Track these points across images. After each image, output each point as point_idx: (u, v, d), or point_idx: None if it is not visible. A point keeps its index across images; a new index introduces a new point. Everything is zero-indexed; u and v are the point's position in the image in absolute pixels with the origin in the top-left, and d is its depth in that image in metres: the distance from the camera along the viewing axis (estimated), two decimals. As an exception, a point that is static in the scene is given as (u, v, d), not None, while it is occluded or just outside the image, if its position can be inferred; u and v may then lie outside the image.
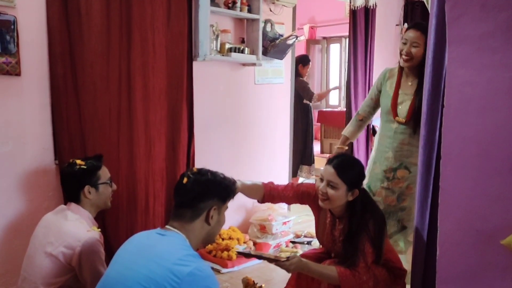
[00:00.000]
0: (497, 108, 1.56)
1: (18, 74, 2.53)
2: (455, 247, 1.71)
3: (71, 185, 2.19)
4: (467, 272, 1.67)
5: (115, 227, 2.91)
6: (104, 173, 2.27)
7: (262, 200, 2.33)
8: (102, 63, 2.81)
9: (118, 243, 1.79)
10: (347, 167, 2.13)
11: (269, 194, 2.31)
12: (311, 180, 5.01)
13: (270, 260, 2.05)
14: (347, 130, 3.01)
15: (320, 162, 6.06)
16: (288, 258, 2.02)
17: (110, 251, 2.40)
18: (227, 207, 1.80)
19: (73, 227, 2.03)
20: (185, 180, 1.72)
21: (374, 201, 2.25)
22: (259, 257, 2.10)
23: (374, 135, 4.10)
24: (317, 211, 2.33)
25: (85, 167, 2.20)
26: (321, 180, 2.15)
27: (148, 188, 3.07)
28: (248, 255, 2.13)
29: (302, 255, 2.40)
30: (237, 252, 2.21)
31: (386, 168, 2.74)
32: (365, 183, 2.74)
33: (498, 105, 1.56)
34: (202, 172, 1.76)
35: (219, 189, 1.75)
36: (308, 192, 2.30)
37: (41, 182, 2.72)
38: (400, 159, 2.70)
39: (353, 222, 2.12)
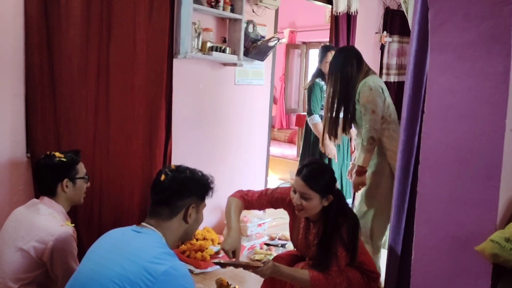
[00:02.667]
0: (475, 116, 1.59)
1: (-9, 62, 2.46)
2: (430, 252, 1.73)
3: (48, 178, 2.11)
4: (441, 277, 1.70)
5: (88, 224, 2.85)
6: (81, 168, 2.21)
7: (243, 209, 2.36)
8: (81, 56, 2.75)
9: (91, 240, 1.74)
10: (316, 176, 2.11)
11: (247, 206, 2.32)
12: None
13: (245, 267, 2.05)
14: (366, 161, 2.77)
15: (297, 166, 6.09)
16: (263, 263, 2.01)
17: (82, 249, 2.33)
18: (205, 205, 1.77)
19: (45, 221, 1.97)
20: (162, 177, 1.68)
21: (347, 204, 2.27)
22: (235, 265, 2.09)
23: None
24: (292, 215, 2.34)
25: (64, 160, 2.13)
26: (294, 192, 2.15)
27: (123, 185, 3.01)
28: (224, 265, 2.11)
29: (276, 257, 2.40)
30: (214, 262, 2.19)
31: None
32: None
33: (477, 113, 1.59)
34: (181, 169, 1.72)
35: (198, 187, 1.71)
36: (283, 198, 2.30)
37: (11, 175, 2.64)
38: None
39: (327, 226, 2.13)
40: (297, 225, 2.31)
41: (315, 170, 2.14)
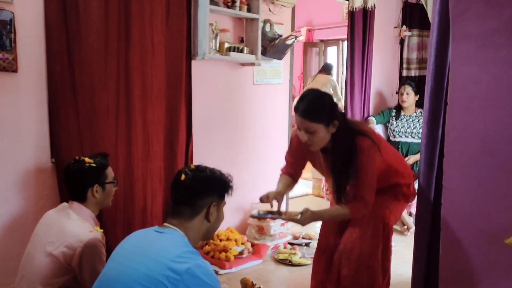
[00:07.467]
0: (501, 105, 1.55)
1: (15, 70, 2.50)
2: (458, 247, 1.69)
3: (78, 184, 2.12)
4: (470, 272, 1.65)
5: (112, 227, 2.88)
6: (110, 172, 2.21)
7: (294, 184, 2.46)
8: (100, 61, 2.78)
9: (116, 243, 1.76)
10: (314, 107, 2.04)
11: (292, 176, 2.41)
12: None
13: (283, 219, 2.17)
14: None
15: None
16: (301, 213, 2.10)
17: (109, 252, 2.36)
18: (225, 203, 1.78)
19: (75, 227, 1.98)
20: (182, 177, 1.68)
21: (356, 121, 2.27)
22: (273, 218, 2.20)
23: None
24: (310, 156, 2.35)
25: (94, 165, 2.13)
26: (299, 129, 2.10)
27: (146, 188, 3.03)
28: (260, 218, 2.25)
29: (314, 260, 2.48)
30: (252, 216, 2.31)
31: None
32: None
33: (502, 102, 1.55)
34: (200, 168, 1.73)
35: (218, 185, 1.72)
36: (297, 141, 2.25)
37: (37, 181, 2.68)
38: None
39: (340, 152, 2.11)
40: (318, 163, 2.33)
41: (311, 101, 2.06)
